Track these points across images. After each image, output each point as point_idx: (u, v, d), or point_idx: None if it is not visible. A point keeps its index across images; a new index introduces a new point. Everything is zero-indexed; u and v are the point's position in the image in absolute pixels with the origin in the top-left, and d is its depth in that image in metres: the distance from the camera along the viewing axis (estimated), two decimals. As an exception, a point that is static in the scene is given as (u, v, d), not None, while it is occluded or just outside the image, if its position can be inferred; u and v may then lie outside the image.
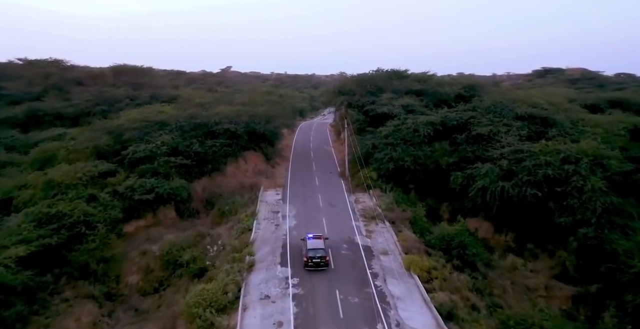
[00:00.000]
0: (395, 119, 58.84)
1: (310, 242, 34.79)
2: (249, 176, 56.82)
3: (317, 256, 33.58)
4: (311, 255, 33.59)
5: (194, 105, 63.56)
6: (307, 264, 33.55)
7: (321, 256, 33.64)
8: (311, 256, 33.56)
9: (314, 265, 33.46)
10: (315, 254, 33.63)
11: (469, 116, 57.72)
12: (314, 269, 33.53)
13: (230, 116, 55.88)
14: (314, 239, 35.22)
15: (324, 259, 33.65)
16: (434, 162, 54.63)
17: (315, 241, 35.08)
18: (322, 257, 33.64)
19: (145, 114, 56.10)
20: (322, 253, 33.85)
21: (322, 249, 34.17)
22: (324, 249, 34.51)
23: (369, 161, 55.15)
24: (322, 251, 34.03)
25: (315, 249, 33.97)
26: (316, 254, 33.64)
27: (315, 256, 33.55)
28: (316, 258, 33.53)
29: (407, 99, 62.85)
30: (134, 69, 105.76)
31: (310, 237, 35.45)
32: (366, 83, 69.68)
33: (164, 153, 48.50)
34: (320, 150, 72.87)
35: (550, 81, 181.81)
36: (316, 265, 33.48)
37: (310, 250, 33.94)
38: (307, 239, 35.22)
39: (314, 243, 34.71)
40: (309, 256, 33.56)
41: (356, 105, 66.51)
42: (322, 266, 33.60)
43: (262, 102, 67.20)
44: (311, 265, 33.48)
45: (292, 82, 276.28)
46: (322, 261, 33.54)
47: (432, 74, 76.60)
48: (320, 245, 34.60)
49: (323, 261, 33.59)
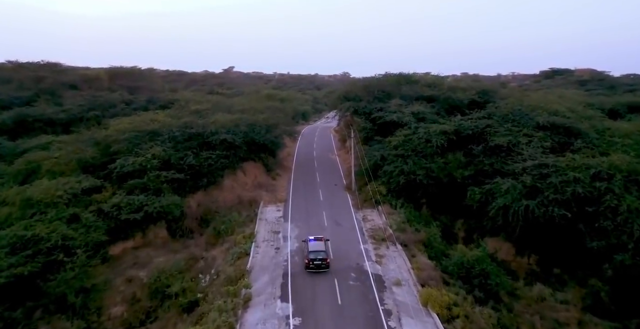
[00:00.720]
0: (405, 128, 54.68)
1: (311, 245, 35.54)
2: (248, 190, 52.79)
3: (318, 258, 34.28)
4: (312, 257, 34.29)
5: (190, 112, 59.59)
6: (309, 266, 34.23)
7: (322, 258, 34.31)
8: (312, 258, 34.27)
9: (315, 267, 34.13)
10: (316, 256, 34.34)
11: (485, 125, 53.53)
12: (315, 271, 34.08)
13: (227, 126, 51.79)
14: (315, 241, 35.99)
15: (324, 262, 34.26)
16: (447, 175, 50.48)
17: (316, 243, 35.81)
18: (323, 259, 34.28)
19: (136, 123, 52.12)
20: (323, 255, 34.52)
21: (323, 252, 34.85)
22: (325, 251, 35.20)
23: (377, 174, 51.05)
24: (323, 254, 34.70)
25: (317, 252, 34.69)
26: (317, 256, 34.34)
27: (317, 258, 34.24)
28: (317, 260, 34.21)
29: (418, 106, 58.63)
30: (130, 72, 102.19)
31: (312, 240, 36.28)
32: (373, 88, 65.50)
33: (154, 167, 44.52)
34: (324, 159, 68.76)
35: (559, 82, 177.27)
36: (317, 267, 34.15)
37: (312, 252, 34.65)
38: (309, 241, 36.13)
39: (315, 245, 35.43)
40: (310, 258, 34.25)
41: (363, 112, 62.37)
42: (323, 268, 34.21)
43: (262, 109, 63.27)
44: (312, 267, 34.15)
45: (294, 83, 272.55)
46: (323, 263, 34.18)
47: (442, 77, 72.34)
48: (321, 247, 35.29)
49: (324, 263, 34.21)
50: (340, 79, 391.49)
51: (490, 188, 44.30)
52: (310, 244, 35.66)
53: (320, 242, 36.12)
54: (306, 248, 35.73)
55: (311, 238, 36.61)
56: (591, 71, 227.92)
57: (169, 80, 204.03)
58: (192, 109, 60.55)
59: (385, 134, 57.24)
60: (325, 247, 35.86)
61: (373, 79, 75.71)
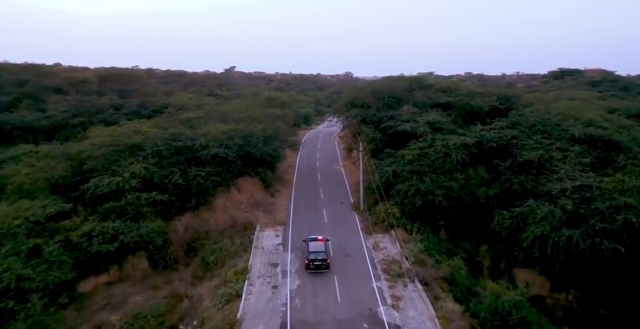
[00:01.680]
0: (420, 139, 48.55)
1: (311, 245, 36.00)
2: (243, 210, 46.79)
3: (318, 258, 34.66)
4: (312, 258, 34.72)
5: (180, 121, 53.60)
6: (309, 266, 34.68)
7: (322, 258, 34.67)
8: (312, 258, 34.69)
9: (315, 268, 34.58)
10: (316, 257, 34.73)
11: (510, 136, 47.42)
12: (316, 272, 34.45)
13: (220, 138, 45.67)
14: (315, 242, 36.36)
15: (324, 262, 34.63)
16: (468, 193, 44.44)
17: (316, 243, 36.24)
18: (323, 260, 34.63)
19: (117, 134, 46.08)
20: (323, 255, 34.91)
21: (323, 252, 35.26)
22: (325, 252, 35.63)
23: (389, 192, 44.95)
24: (323, 254, 35.07)
25: (317, 252, 35.08)
26: (317, 257, 34.73)
27: (317, 259, 34.62)
28: (317, 260, 34.58)
29: (433, 115, 52.42)
30: (122, 74, 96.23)
31: (312, 240, 36.70)
32: (383, 94, 59.29)
33: (134, 188, 38.51)
34: (328, 171, 62.65)
35: (569, 83, 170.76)
36: (317, 268, 34.58)
37: (312, 253, 35.15)
38: (309, 242, 36.55)
39: (315, 246, 35.85)
40: (310, 259, 34.69)
41: (371, 121, 56.25)
42: (323, 268, 34.63)
43: (260, 117, 57.28)
44: (312, 268, 34.61)
45: (297, 83, 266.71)
46: (323, 264, 34.58)
47: (457, 81, 65.94)
48: (321, 248, 35.69)
49: (324, 264, 34.61)
50: (343, 79, 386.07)
51: (521, 212, 38.21)
52: (310, 245, 36.08)
53: (321, 242, 36.53)
54: (306, 249, 36.09)
55: (311, 238, 37.19)
56: (601, 71, 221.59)
57: (167, 82, 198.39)
58: (183, 117, 54.50)
59: (397, 145, 51.15)
60: (325, 247, 36.23)
61: (382, 83, 69.66)
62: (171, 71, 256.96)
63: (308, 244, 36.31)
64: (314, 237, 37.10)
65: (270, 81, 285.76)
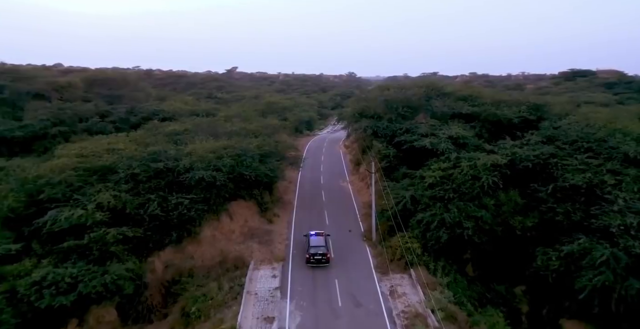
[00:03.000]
0: (442, 158, 41.62)
1: (312, 240, 37.07)
2: (235, 241, 39.92)
3: (318, 253, 35.63)
4: (313, 252, 35.66)
5: (165, 135, 46.76)
6: (309, 260, 35.65)
7: (322, 253, 35.64)
8: (313, 253, 35.63)
9: (315, 262, 35.55)
10: (317, 251, 35.71)
11: (547, 154, 40.42)
12: (316, 265, 35.49)
13: (208, 158, 38.71)
14: (316, 237, 37.53)
15: (325, 256, 35.56)
16: (501, 223, 37.54)
17: (317, 238, 37.34)
18: (323, 254, 35.60)
19: (87, 153, 39.23)
20: (323, 250, 35.90)
21: (323, 247, 36.27)
22: (325, 246, 36.61)
23: (407, 221, 38.02)
24: (324, 249, 36.07)
25: (317, 247, 36.09)
26: (317, 251, 35.72)
27: (317, 253, 35.58)
28: (317, 255, 35.54)
29: (456, 128, 45.31)
30: (111, 78, 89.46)
31: (313, 235, 37.83)
32: (396, 104, 52.14)
33: (100, 222, 31.72)
34: (334, 188, 55.67)
35: (582, 85, 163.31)
36: (317, 262, 35.55)
37: (312, 247, 36.13)
38: (310, 237, 37.64)
39: (316, 241, 36.90)
40: (311, 253, 35.65)
41: (383, 134, 49.30)
42: (324, 262, 35.57)
43: (257, 129, 50.44)
44: (313, 262, 35.57)
45: (299, 85, 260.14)
46: (323, 258, 35.52)
47: (479, 87, 58.81)
48: (322, 243, 36.72)
49: (324, 258, 35.53)
50: (346, 79, 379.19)
51: (571, 252, 31.28)
52: (311, 240, 37.20)
53: (321, 237, 37.69)
54: (307, 243, 37.14)
55: (312, 233, 38.21)
56: (614, 72, 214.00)
57: (166, 83, 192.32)
58: (168, 130, 47.62)
59: (415, 163, 44.27)
60: (325, 242, 37.29)
61: (389, 84, 62.69)
62: (171, 72, 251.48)
63: (309, 239, 37.45)
64: (314, 233, 38.26)
65: (272, 82, 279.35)
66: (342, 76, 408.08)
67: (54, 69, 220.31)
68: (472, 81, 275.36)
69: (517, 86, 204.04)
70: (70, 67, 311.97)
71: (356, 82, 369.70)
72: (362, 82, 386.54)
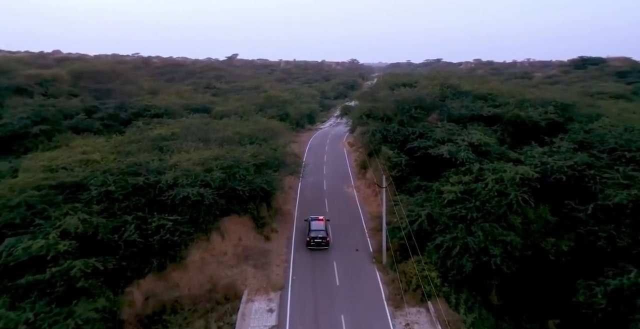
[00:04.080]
0: (461, 169, 36.55)
1: (313, 224, 39.14)
2: (227, 264, 35.21)
3: (318, 236, 37.69)
4: (313, 235, 37.76)
5: (150, 140, 41.69)
6: (310, 243, 37.73)
7: (322, 237, 37.73)
8: (313, 236, 37.72)
9: (315, 245, 37.59)
10: (317, 235, 37.79)
11: (582, 163, 35.38)
12: (316, 248, 37.48)
13: (195, 171, 33.62)
14: (317, 221, 39.48)
15: (324, 240, 37.62)
16: (530, 245, 32.76)
17: (317, 223, 39.33)
18: (323, 237, 37.68)
19: (57, 165, 34.21)
20: (323, 233, 37.99)
21: (323, 231, 38.35)
22: (325, 230, 38.66)
23: (422, 243, 33.25)
24: (324, 232, 38.16)
25: (317, 230, 38.17)
26: (318, 235, 37.78)
27: (317, 237, 37.65)
28: (317, 238, 37.61)
29: (477, 134, 39.96)
30: (100, 70, 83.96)
31: (313, 219, 39.73)
32: (408, 104, 46.67)
33: (65, 253, 26.96)
34: (338, 196, 50.77)
35: (593, 74, 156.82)
36: (317, 245, 37.60)
37: (313, 231, 38.23)
38: (311, 221, 39.64)
39: (316, 225, 38.93)
40: (312, 237, 37.73)
41: (394, 139, 44.16)
42: (323, 245, 37.64)
43: (252, 133, 45.33)
44: (313, 244, 37.63)
45: (300, 73, 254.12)
46: (323, 241, 37.59)
47: (498, 84, 53.29)
48: (321, 227, 38.72)
49: (324, 241, 37.60)
50: (349, 66, 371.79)
51: (620, 287, 26.56)
52: (312, 224, 39.04)
53: (321, 222, 39.44)
54: (308, 228, 38.99)
55: (313, 218, 39.96)
56: (625, 60, 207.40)
57: (164, 72, 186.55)
58: (154, 135, 42.48)
59: (430, 173, 39.29)
60: (325, 227, 39.16)
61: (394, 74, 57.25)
62: (170, 61, 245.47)
63: (310, 223, 39.29)
64: (315, 217, 40.21)
65: (272, 70, 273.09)
66: (344, 63, 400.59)
67: (49, 57, 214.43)
68: (477, 68, 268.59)
69: (525, 74, 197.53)
70: (69, 54, 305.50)
71: (359, 70, 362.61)
72: (365, 70, 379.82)
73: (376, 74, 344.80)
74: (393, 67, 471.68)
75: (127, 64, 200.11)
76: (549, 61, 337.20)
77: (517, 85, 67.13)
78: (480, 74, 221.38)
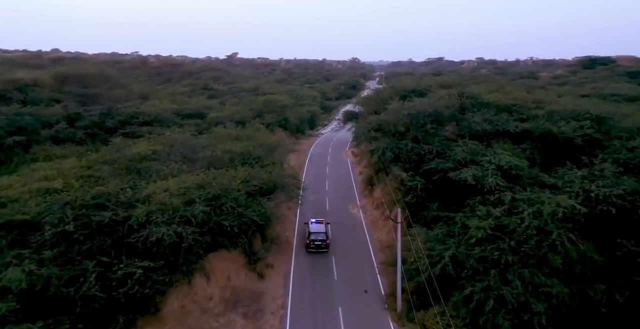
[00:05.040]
0: (492, 200, 30.87)
1: (312, 227, 38.36)
2: (212, 312, 29.66)
3: (318, 239, 37.03)
4: (313, 238, 37.09)
5: (128, 160, 36.03)
6: (309, 246, 37.18)
7: (322, 239, 37.07)
8: (313, 239, 37.05)
9: (315, 247, 37.07)
10: (317, 237, 37.10)
11: (632, 192, 29.79)
12: (315, 251, 36.99)
13: (174, 205, 27.99)
14: (316, 224, 38.79)
15: (324, 242, 37.03)
16: (576, 292, 27.26)
17: (317, 225, 38.60)
18: (323, 240, 37.04)
19: (11, 196, 28.60)
20: (323, 236, 37.23)
21: (323, 233, 37.46)
22: (325, 233, 37.64)
23: (446, 291, 27.70)
24: (324, 235, 37.33)
25: (317, 233, 37.42)
26: (317, 237, 37.10)
27: (317, 239, 37.00)
28: (317, 240, 36.97)
29: (505, 154, 34.11)
30: (87, 73, 78.13)
31: (313, 222, 39.13)
32: (423, 118, 40.71)
33: (1, 317, 21.43)
34: (343, 219, 45.12)
35: (604, 74, 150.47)
36: (317, 247, 37.07)
37: (313, 233, 37.42)
38: (310, 224, 38.99)
39: (316, 227, 38.21)
40: (311, 239, 37.07)
41: (407, 158, 38.53)
42: (323, 248, 37.08)
43: (245, 150, 39.69)
44: (313, 247, 37.10)
45: (301, 73, 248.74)
46: (322, 244, 37.02)
47: (523, 94, 47.36)
48: (321, 229, 37.94)
49: (324, 244, 37.02)
50: (350, 65, 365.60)
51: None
52: (311, 226, 38.40)
53: (321, 224, 38.76)
54: (307, 230, 38.33)
55: (312, 221, 39.40)
56: (634, 59, 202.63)
57: (160, 72, 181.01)
58: (132, 154, 36.78)
59: (450, 200, 33.66)
60: (325, 229, 38.20)
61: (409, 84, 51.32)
62: (167, 61, 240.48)
63: (309, 225, 38.48)
64: (315, 220, 39.40)
65: (273, 70, 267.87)
66: (345, 62, 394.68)
67: (44, 56, 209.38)
68: (481, 68, 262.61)
69: (530, 73, 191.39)
70: (68, 52, 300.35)
71: (360, 68, 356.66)
72: (366, 68, 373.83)
73: (377, 73, 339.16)
74: (394, 65, 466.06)
75: (124, 64, 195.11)
76: (553, 60, 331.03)
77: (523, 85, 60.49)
78: (484, 73, 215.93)
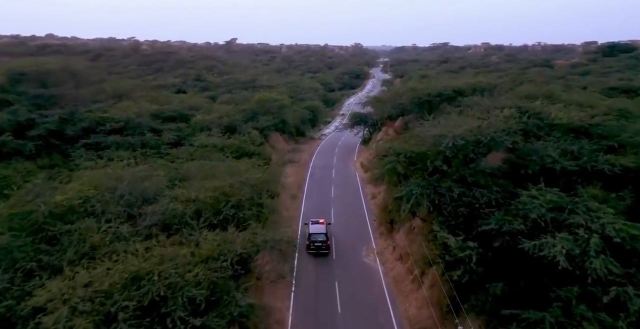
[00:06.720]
0: (605, 302, 19.41)
1: (312, 227, 36.73)
2: None
3: (318, 240, 35.47)
4: (313, 239, 35.50)
5: (44, 216, 24.43)
6: (310, 247, 35.55)
7: (322, 240, 35.50)
8: (313, 240, 35.48)
9: (315, 249, 35.42)
10: (317, 238, 35.54)
11: None
12: (316, 253, 35.17)
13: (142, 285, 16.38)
14: (316, 224, 37.19)
15: (325, 244, 35.47)
16: None
17: (317, 226, 37.02)
18: (323, 241, 35.47)
19: None
20: (323, 237, 35.65)
21: (323, 234, 35.85)
22: (326, 234, 35.98)
23: None
24: (324, 236, 35.75)
25: (317, 234, 35.80)
26: (318, 238, 35.54)
27: (317, 240, 35.44)
28: (318, 241, 35.41)
29: (610, 214, 22.23)
30: (48, 70, 66.01)
31: (313, 222, 37.58)
32: (476, 150, 27.94)
33: None
34: (355, 276, 33.59)
35: (627, 62, 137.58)
36: (317, 249, 35.41)
37: (313, 234, 35.81)
38: (310, 224, 37.44)
39: (316, 228, 36.56)
40: (312, 240, 35.50)
41: (453, 210, 26.42)
42: (324, 249, 35.49)
43: (220, 196, 27.99)
44: (313, 249, 35.46)
45: (302, 61, 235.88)
46: (323, 245, 35.43)
47: (603, 111, 34.26)
48: (322, 230, 36.30)
49: (324, 245, 35.45)
50: (352, 51, 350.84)
51: None
52: (311, 227, 36.75)
53: (322, 225, 37.08)
54: (308, 230, 36.65)
55: (313, 221, 37.90)
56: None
57: (152, 61, 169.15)
58: (57, 201, 24.66)
59: (526, 287, 22.18)
60: (326, 230, 36.49)
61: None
62: (162, 46, 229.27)
63: (309, 226, 37.14)
64: (315, 220, 37.94)
65: (273, 57, 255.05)
66: (347, 48, 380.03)
67: (29, 43, 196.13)
68: (489, 55, 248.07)
69: (545, 61, 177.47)
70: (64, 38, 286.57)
71: (363, 55, 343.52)
72: (369, 54, 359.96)
73: (381, 59, 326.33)
74: (398, 51, 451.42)
75: (115, 52, 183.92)
76: (562, 45, 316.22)
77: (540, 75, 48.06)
78: (494, 61, 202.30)
